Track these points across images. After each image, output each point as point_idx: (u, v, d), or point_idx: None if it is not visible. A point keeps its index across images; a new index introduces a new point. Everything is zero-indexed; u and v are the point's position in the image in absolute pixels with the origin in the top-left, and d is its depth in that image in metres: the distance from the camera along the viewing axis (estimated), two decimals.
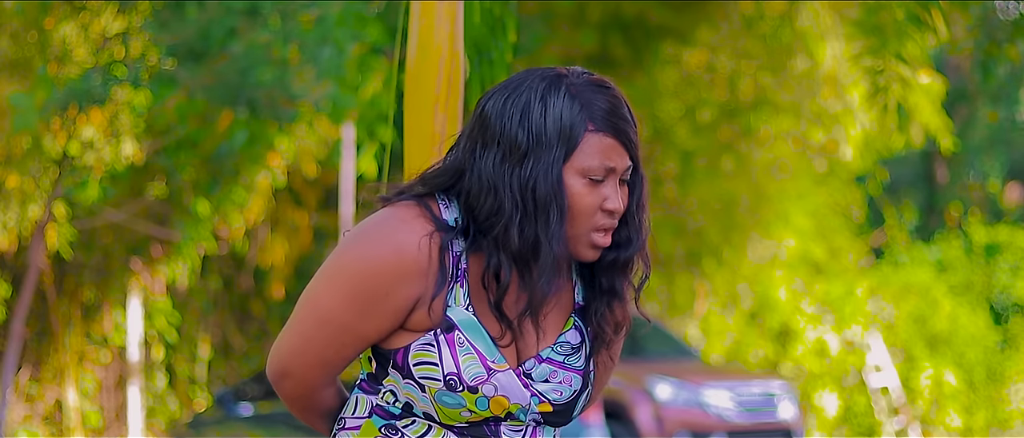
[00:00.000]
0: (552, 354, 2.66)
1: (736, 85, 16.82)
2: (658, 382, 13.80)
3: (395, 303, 2.56)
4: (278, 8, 10.10)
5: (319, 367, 2.63)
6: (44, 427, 14.43)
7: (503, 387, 2.58)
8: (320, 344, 2.60)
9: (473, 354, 2.57)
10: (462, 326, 2.57)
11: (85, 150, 10.67)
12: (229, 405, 11.99)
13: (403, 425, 2.62)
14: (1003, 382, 19.01)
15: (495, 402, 2.58)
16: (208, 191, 13.00)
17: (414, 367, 2.57)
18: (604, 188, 2.58)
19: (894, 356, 18.56)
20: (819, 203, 18.76)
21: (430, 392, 2.57)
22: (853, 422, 18.29)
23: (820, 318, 18.41)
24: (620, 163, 2.58)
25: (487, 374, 2.57)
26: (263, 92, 10.16)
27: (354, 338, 2.58)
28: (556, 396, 2.65)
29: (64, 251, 12.64)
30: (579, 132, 2.55)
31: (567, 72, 2.61)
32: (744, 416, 14.08)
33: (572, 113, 2.55)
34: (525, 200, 2.54)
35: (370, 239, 2.57)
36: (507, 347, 2.61)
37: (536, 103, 2.57)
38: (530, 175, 2.54)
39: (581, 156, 2.56)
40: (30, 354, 14.41)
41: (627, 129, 2.58)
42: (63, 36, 10.18)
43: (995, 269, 20.09)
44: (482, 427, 2.62)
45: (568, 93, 2.57)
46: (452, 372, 2.56)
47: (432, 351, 2.57)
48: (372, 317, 2.56)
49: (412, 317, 2.58)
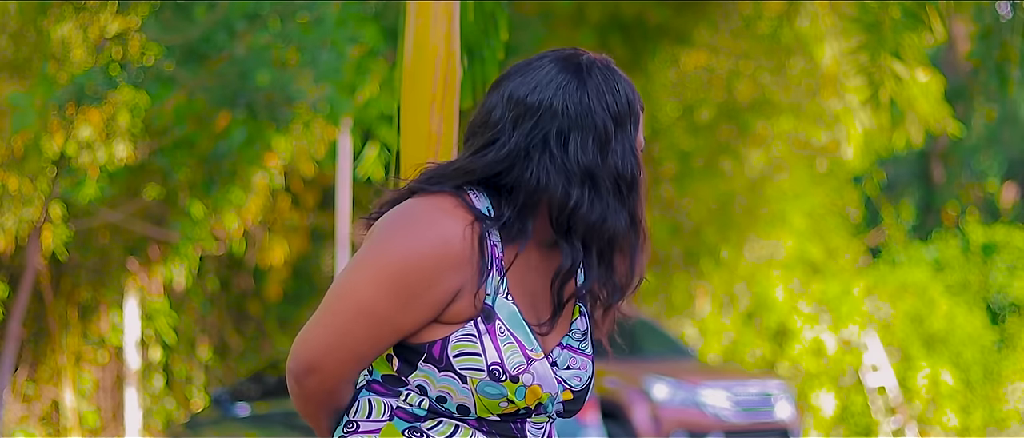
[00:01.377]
0: (569, 341, 2.68)
1: (734, 85, 16.83)
2: (655, 382, 13.80)
3: (437, 294, 2.53)
4: (277, 10, 10.10)
5: (352, 362, 2.57)
6: (41, 428, 14.42)
7: (539, 376, 2.58)
8: (357, 338, 2.55)
9: (514, 344, 2.56)
10: (503, 316, 2.57)
11: (81, 150, 10.67)
12: (226, 405, 11.99)
13: (428, 427, 2.59)
14: (1000, 382, 19.02)
15: (531, 392, 2.58)
16: (205, 191, 13.00)
17: (455, 359, 2.54)
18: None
19: (891, 355, 18.57)
20: (816, 203, 18.77)
21: (472, 383, 2.54)
22: (850, 422, 18.30)
23: (817, 318, 18.41)
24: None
25: (527, 363, 2.57)
26: (262, 93, 10.16)
27: (391, 331, 2.54)
28: (576, 383, 2.67)
29: (60, 252, 12.63)
30: (637, 110, 2.63)
31: (588, 54, 2.66)
32: (741, 416, 14.09)
33: (632, 94, 2.62)
34: (619, 184, 2.58)
35: (412, 230, 2.54)
36: (543, 336, 2.62)
37: (605, 89, 2.61)
38: (621, 158, 2.58)
39: (639, 133, 2.64)
40: (27, 355, 14.41)
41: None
42: (62, 36, 10.18)
43: (992, 269, 20.10)
44: (509, 425, 2.61)
45: (618, 75, 2.64)
46: (495, 362, 2.54)
47: (474, 342, 2.54)
48: (413, 309, 2.53)
49: (450, 308, 2.55)
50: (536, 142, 2.57)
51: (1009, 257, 20.06)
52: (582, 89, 2.59)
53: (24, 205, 10.93)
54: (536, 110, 2.58)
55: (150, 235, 14.05)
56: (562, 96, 2.58)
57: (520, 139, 2.58)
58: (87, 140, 10.65)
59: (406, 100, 3.74)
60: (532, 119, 2.58)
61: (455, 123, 3.75)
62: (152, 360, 15.10)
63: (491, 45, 4.42)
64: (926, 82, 16.95)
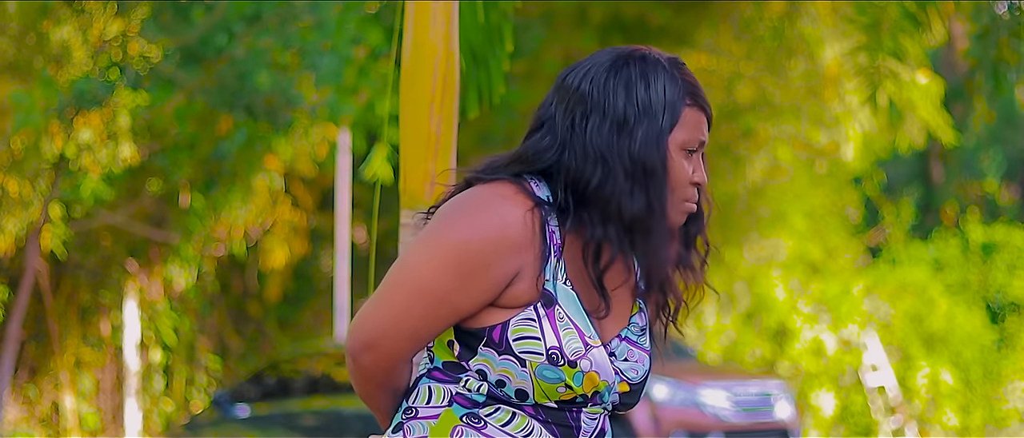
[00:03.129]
0: (628, 334, 2.73)
1: (735, 86, 16.84)
2: (655, 382, 13.79)
3: (496, 276, 2.58)
4: (277, 13, 10.10)
5: (409, 340, 2.63)
6: (41, 429, 14.42)
7: (596, 363, 2.62)
8: (415, 316, 2.60)
9: (572, 329, 2.61)
10: (562, 301, 2.62)
11: (81, 152, 10.68)
12: (226, 407, 11.99)
13: (486, 413, 2.63)
14: (999, 381, 19.03)
15: (588, 378, 2.62)
16: (206, 193, 13.01)
17: (514, 342, 2.59)
18: (693, 161, 2.68)
19: (891, 355, 18.57)
20: (816, 203, 18.78)
21: (531, 367, 2.58)
22: (850, 421, 18.30)
23: (817, 317, 18.42)
24: (706, 137, 2.70)
25: (585, 349, 2.61)
26: (262, 96, 10.16)
27: (450, 311, 2.60)
28: (633, 375, 2.71)
29: (59, 251, 12.63)
30: (680, 107, 2.66)
31: (650, 50, 2.71)
32: (741, 416, 14.08)
33: (674, 88, 2.66)
34: (635, 169, 2.62)
35: (474, 213, 2.61)
36: (600, 323, 2.67)
37: (638, 79, 2.65)
38: (641, 145, 2.63)
39: (681, 130, 2.66)
40: (27, 356, 14.41)
41: (709, 105, 2.71)
42: (62, 38, 10.18)
43: (991, 268, 20.11)
44: (565, 413, 2.65)
45: (665, 70, 2.67)
46: (554, 346, 2.59)
47: (533, 326, 2.59)
48: (472, 290, 2.58)
49: (508, 292, 2.60)
50: (568, 125, 2.66)
51: (1009, 256, 20.06)
52: (612, 76, 2.66)
53: (24, 207, 10.94)
54: (572, 94, 2.68)
55: (150, 237, 14.06)
56: (590, 81, 2.67)
57: (560, 122, 2.67)
58: (87, 142, 10.66)
59: (405, 100, 3.74)
60: (567, 103, 2.68)
61: (454, 123, 3.75)
62: (152, 361, 15.10)
63: (496, 55, 4.44)
64: (926, 84, 16.96)
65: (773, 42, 16.22)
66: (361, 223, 17.19)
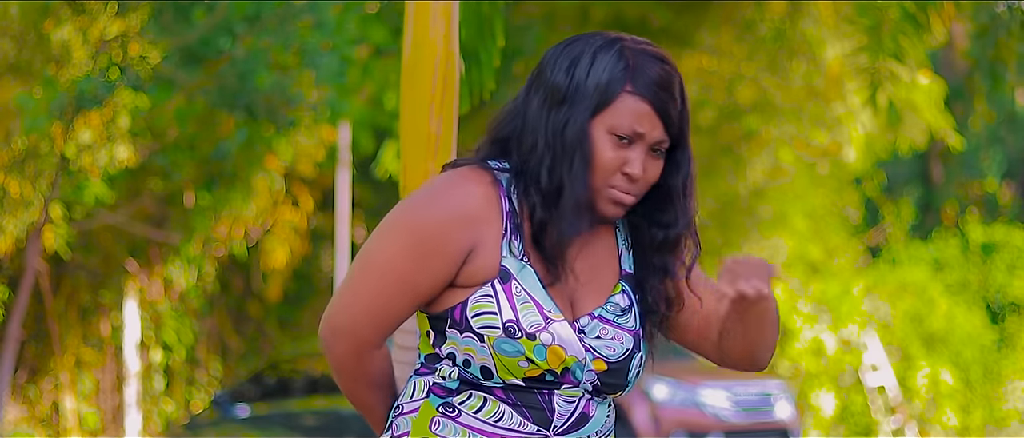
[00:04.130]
0: (603, 312, 2.70)
1: (736, 87, 16.84)
2: (655, 382, 13.80)
3: (451, 250, 2.61)
4: (277, 13, 10.09)
5: (374, 323, 2.66)
6: (41, 429, 14.43)
7: (559, 337, 2.62)
8: (377, 298, 2.64)
9: (530, 303, 2.62)
10: (519, 276, 2.63)
11: (81, 152, 10.68)
12: (226, 407, 12.00)
13: (459, 401, 2.65)
14: (1000, 381, 19.03)
15: (552, 352, 2.61)
16: (206, 193, 13.01)
17: (473, 319, 2.61)
18: (630, 151, 2.64)
19: (891, 355, 18.57)
20: (816, 204, 18.78)
21: (490, 341, 2.60)
22: (850, 421, 18.30)
23: (816, 317, 18.42)
24: (651, 131, 2.64)
25: (544, 322, 2.61)
26: (262, 96, 10.16)
27: (411, 290, 2.63)
28: (609, 353, 2.68)
29: (62, 251, 12.64)
30: (615, 90, 2.63)
31: (628, 38, 2.69)
32: (741, 416, 14.09)
33: (614, 71, 2.63)
34: (555, 143, 2.63)
35: (430, 193, 2.66)
36: (561, 299, 2.66)
37: (586, 56, 2.65)
38: (562, 120, 2.63)
39: (612, 113, 2.62)
40: (27, 356, 14.41)
41: (668, 102, 2.64)
42: (62, 39, 10.18)
43: (991, 268, 20.10)
44: (536, 396, 2.65)
45: (619, 53, 2.65)
46: (511, 319, 2.60)
47: (490, 301, 2.61)
48: (429, 266, 2.61)
49: (467, 270, 2.63)
50: (523, 96, 2.73)
51: (1009, 256, 20.06)
52: (564, 52, 2.68)
53: (25, 207, 10.94)
54: (538, 70, 2.73)
55: (151, 237, 14.06)
56: (550, 55, 2.71)
57: (521, 93, 2.74)
58: (87, 143, 10.66)
59: (405, 99, 3.75)
60: (533, 77, 2.74)
61: (454, 123, 3.75)
62: (152, 361, 15.10)
63: (488, 50, 4.43)
64: (927, 86, 16.97)
65: (774, 43, 16.23)
66: (361, 223, 17.20)
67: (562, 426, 2.67)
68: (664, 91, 2.63)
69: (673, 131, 2.65)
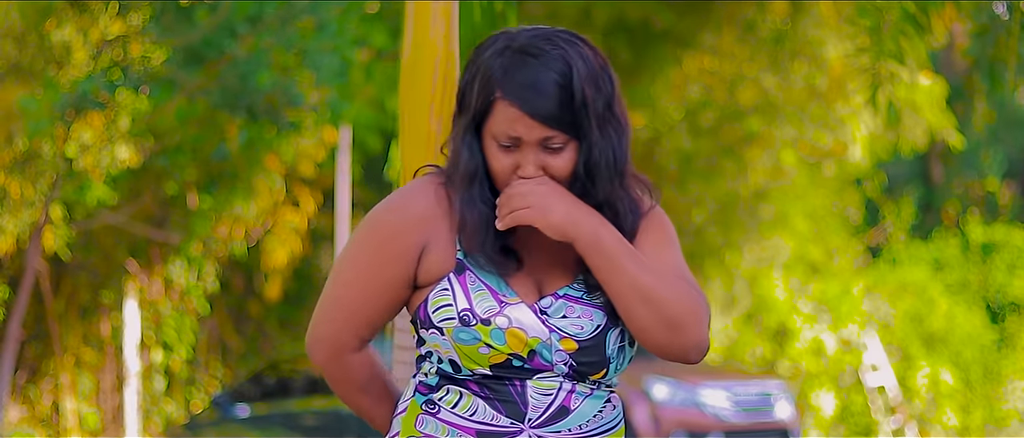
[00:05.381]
0: (569, 291, 2.71)
1: (737, 88, 16.85)
2: (655, 382, 13.80)
3: (407, 249, 2.68)
4: (279, 14, 10.09)
5: (347, 327, 2.73)
6: (41, 429, 14.43)
7: (517, 320, 2.64)
8: (345, 301, 2.73)
9: (484, 290, 2.66)
10: (473, 266, 2.67)
11: (82, 153, 10.68)
12: (226, 407, 12.00)
13: (439, 398, 2.70)
14: (1000, 381, 19.03)
15: (511, 335, 2.63)
16: (207, 194, 13.01)
17: (433, 314, 2.67)
18: (519, 154, 2.65)
19: (891, 355, 18.57)
20: (817, 204, 18.77)
21: (449, 333, 2.65)
22: (850, 421, 18.30)
23: (816, 317, 18.42)
24: (527, 134, 2.62)
25: (499, 306, 2.64)
26: (262, 96, 10.16)
27: (376, 292, 2.70)
28: (577, 331, 2.68)
29: (62, 252, 12.63)
30: (490, 97, 2.64)
31: (517, 33, 2.68)
32: (741, 416, 14.08)
33: (489, 78, 2.64)
34: (453, 156, 2.71)
35: (386, 200, 2.75)
36: (520, 285, 2.68)
37: (475, 63, 2.68)
38: (455, 130, 2.71)
39: (492, 121, 2.65)
40: (27, 356, 14.41)
41: (537, 102, 2.61)
42: (63, 39, 10.18)
43: (992, 267, 20.10)
44: (508, 388, 2.65)
45: (498, 57, 2.65)
46: (465, 308, 2.65)
47: (447, 294, 2.67)
48: (389, 267, 2.69)
49: (425, 268, 2.69)
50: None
51: (1009, 256, 20.06)
52: (470, 56, 2.72)
53: (25, 207, 10.94)
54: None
55: (151, 237, 14.06)
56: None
57: None
58: (88, 144, 10.66)
59: (405, 99, 3.75)
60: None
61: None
62: (152, 361, 15.10)
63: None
64: (929, 86, 16.97)
65: (776, 44, 16.23)
66: None
67: (538, 419, 2.66)
68: (532, 91, 2.60)
69: (560, 125, 2.62)
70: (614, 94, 2.67)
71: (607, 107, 2.66)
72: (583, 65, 2.63)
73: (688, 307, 2.65)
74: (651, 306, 2.63)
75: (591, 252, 2.63)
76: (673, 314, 2.64)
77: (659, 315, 2.64)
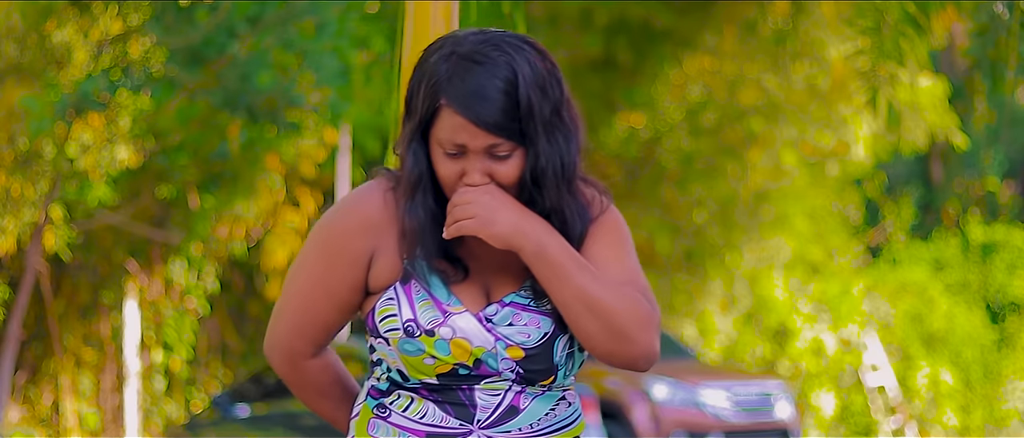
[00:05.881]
0: (515, 298, 2.67)
1: (738, 89, 16.85)
2: (655, 382, 13.80)
3: (355, 256, 2.65)
4: (279, 14, 10.10)
5: (299, 334, 2.72)
6: (41, 429, 14.43)
7: (461, 330, 2.61)
8: (297, 308, 2.71)
9: (429, 300, 2.63)
10: (419, 275, 2.64)
11: (82, 153, 10.68)
12: (226, 407, 11.99)
13: (389, 402, 2.69)
14: (999, 381, 19.03)
15: (456, 345, 2.61)
16: (208, 194, 13.01)
17: (379, 323, 2.65)
18: (465, 162, 2.61)
19: (891, 355, 18.57)
20: (817, 204, 18.78)
21: (394, 343, 2.63)
22: (850, 421, 18.31)
23: (816, 317, 18.42)
24: (472, 142, 2.58)
25: (443, 317, 2.62)
26: (263, 96, 10.16)
27: (326, 297, 2.68)
28: (524, 339, 2.64)
29: (62, 253, 12.64)
30: (434, 105, 2.60)
31: (463, 38, 2.64)
32: (741, 416, 14.09)
33: (432, 86, 2.60)
34: (400, 162, 2.67)
35: (336, 205, 2.73)
36: (466, 293, 2.65)
37: (421, 68, 2.64)
38: (401, 140, 2.67)
39: (437, 128, 2.61)
40: (27, 356, 14.41)
41: (481, 109, 2.57)
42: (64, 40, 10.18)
43: (991, 268, 20.10)
44: (456, 391, 2.64)
45: (443, 62, 2.61)
46: (409, 319, 2.62)
47: (392, 304, 2.64)
48: (337, 273, 2.66)
49: (374, 274, 2.67)
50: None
51: (1009, 256, 20.06)
52: (418, 60, 2.68)
53: (26, 207, 10.94)
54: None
55: (151, 237, 14.06)
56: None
57: None
58: (88, 144, 10.66)
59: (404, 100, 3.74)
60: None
61: None
62: (152, 361, 15.10)
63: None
64: (931, 85, 16.98)
65: (777, 45, 16.24)
66: None
67: (487, 420, 2.65)
68: (476, 98, 2.56)
69: (505, 133, 2.58)
70: (563, 99, 2.64)
71: (555, 113, 2.62)
72: (529, 71, 2.60)
73: (636, 316, 2.63)
74: (597, 316, 2.61)
75: (536, 262, 2.60)
76: (620, 324, 2.61)
77: (605, 325, 2.61)
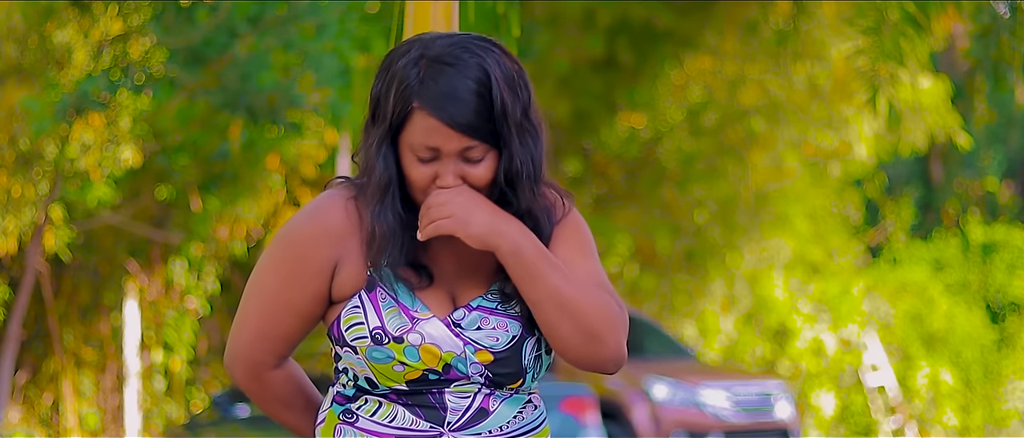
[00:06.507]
0: (483, 302, 2.67)
1: (739, 89, 16.85)
2: (655, 382, 13.80)
3: (317, 265, 2.64)
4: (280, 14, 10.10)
5: (261, 344, 2.70)
6: (41, 429, 14.43)
7: (430, 336, 2.61)
8: (258, 319, 2.69)
9: (396, 307, 2.62)
10: (385, 282, 2.63)
11: (83, 153, 10.68)
12: (226, 407, 11.99)
13: (356, 407, 2.68)
14: (999, 381, 19.03)
15: (425, 351, 2.61)
16: (208, 194, 13.01)
17: (346, 332, 2.64)
18: (438, 165, 2.60)
19: (891, 355, 18.57)
20: (817, 204, 18.78)
21: (362, 352, 2.62)
22: (850, 421, 18.31)
23: (816, 317, 18.42)
24: (446, 145, 2.58)
25: (411, 323, 2.61)
26: (263, 97, 10.16)
27: (287, 308, 2.67)
28: (492, 342, 2.65)
29: (62, 253, 12.64)
30: (407, 108, 2.58)
31: (432, 41, 2.63)
32: (741, 416, 14.09)
33: (404, 89, 2.58)
34: (366, 167, 2.64)
35: (297, 214, 2.69)
36: (432, 299, 2.65)
37: (389, 71, 2.62)
38: (368, 142, 2.63)
39: (408, 131, 2.59)
40: (27, 356, 14.41)
41: (456, 112, 2.56)
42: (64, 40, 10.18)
43: (991, 268, 20.11)
44: (426, 395, 2.64)
45: (412, 66, 2.59)
46: (377, 326, 2.61)
47: (358, 312, 2.63)
48: (299, 283, 2.65)
49: (337, 283, 2.65)
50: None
51: (1008, 256, 20.06)
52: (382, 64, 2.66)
53: (26, 208, 10.94)
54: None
55: (151, 237, 14.07)
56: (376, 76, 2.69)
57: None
58: (89, 144, 10.66)
59: None
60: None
61: None
62: (152, 361, 15.11)
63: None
64: (932, 86, 16.98)
65: (778, 45, 16.24)
66: None
67: (457, 422, 2.65)
68: (450, 100, 2.55)
69: (479, 135, 2.58)
70: (530, 101, 2.63)
71: (524, 114, 2.61)
72: (500, 72, 2.59)
73: (606, 318, 2.62)
74: (570, 316, 2.61)
75: (512, 261, 2.60)
76: (591, 325, 2.61)
77: (578, 325, 2.61)
